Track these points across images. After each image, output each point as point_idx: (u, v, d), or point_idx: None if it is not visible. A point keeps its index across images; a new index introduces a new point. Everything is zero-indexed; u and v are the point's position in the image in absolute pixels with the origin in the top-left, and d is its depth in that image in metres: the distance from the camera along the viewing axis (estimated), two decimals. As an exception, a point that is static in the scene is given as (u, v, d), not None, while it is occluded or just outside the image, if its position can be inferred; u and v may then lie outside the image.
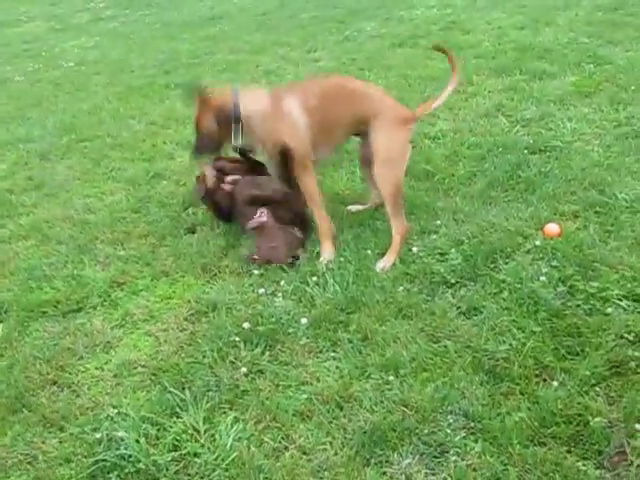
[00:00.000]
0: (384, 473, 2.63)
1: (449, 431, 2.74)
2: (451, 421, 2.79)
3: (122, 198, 5.22)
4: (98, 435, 2.89)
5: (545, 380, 2.93)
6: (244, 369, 3.21)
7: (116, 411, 3.05)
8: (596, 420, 2.68)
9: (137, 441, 2.84)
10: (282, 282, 3.80)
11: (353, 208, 4.47)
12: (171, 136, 6.37)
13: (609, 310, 3.27)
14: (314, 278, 3.76)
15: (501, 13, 9.09)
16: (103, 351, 3.53)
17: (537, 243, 3.81)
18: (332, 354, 3.25)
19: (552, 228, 3.92)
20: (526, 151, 4.96)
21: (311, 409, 2.94)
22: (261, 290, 3.76)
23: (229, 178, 4.34)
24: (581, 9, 8.69)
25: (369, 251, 3.96)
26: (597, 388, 2.86)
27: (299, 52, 8.76)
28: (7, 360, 3.52)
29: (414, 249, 3.91)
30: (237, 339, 3.40)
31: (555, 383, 2.89)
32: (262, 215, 4.12)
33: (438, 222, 4.18)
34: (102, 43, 11.22)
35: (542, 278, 3.50)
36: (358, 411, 2.89)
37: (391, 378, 3.03)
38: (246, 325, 3.46)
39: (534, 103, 5.89)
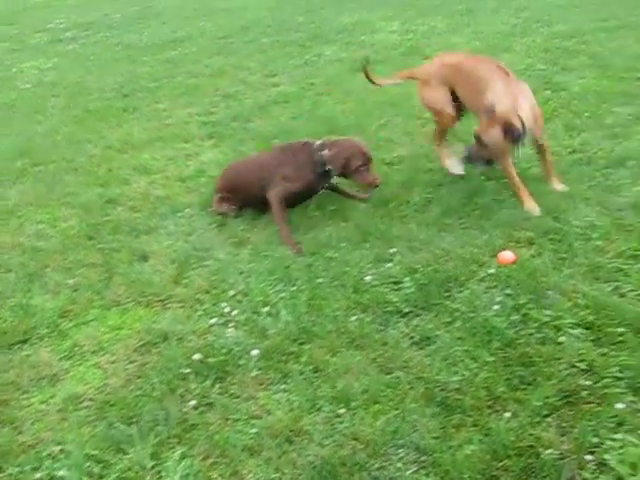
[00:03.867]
0: (333, 510, 2.57)
1: (400, 465, 2.70)
2: (402, 455, 2.75)
3: (75, 224, 5.11)
4: (38, 475, 2.80)
5: (497, 411, 2.91)
6: (193, 402, 3.15)
7: (59, 448, 2.96)
8: (547, 452, 2.66)
9: (79, 480, 2.76)
10: (234, 312, 3.74)
11: None
12: (127, 161, 6.28)
13: (562, 339, 3.26)
14: (266, 308, 3.72)
15: (460, 39, 9.20)
16: (49, 384, 3.43)
17: (491, 271, 3.81)
18: (283, 386, 3.20)
19: (506, 255, 3.91)
20: (482, 177, 4.97)
21: (260, 444, 2.88)
22: (212, 320, 3.70)
23: None
24: (538, 35, 8.84)
25: (321, 279, 3.92)
26: (549, 418, 2.84)
27: (258, 76, 8.75)
28: (-53, 395, 3.40)
29: (367, 278, 3.88)
30: (187, 371, 3.33)
31: (507, 414, 2.86)
32: None
33: (393, 250, 4.15)
34: (60, 65, 11.07)
35: (495, 307, 3.49)
36: (308, 445, 2.84)
37: (342, 411, 2.98)
38: (197, 356, 3.40)
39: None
